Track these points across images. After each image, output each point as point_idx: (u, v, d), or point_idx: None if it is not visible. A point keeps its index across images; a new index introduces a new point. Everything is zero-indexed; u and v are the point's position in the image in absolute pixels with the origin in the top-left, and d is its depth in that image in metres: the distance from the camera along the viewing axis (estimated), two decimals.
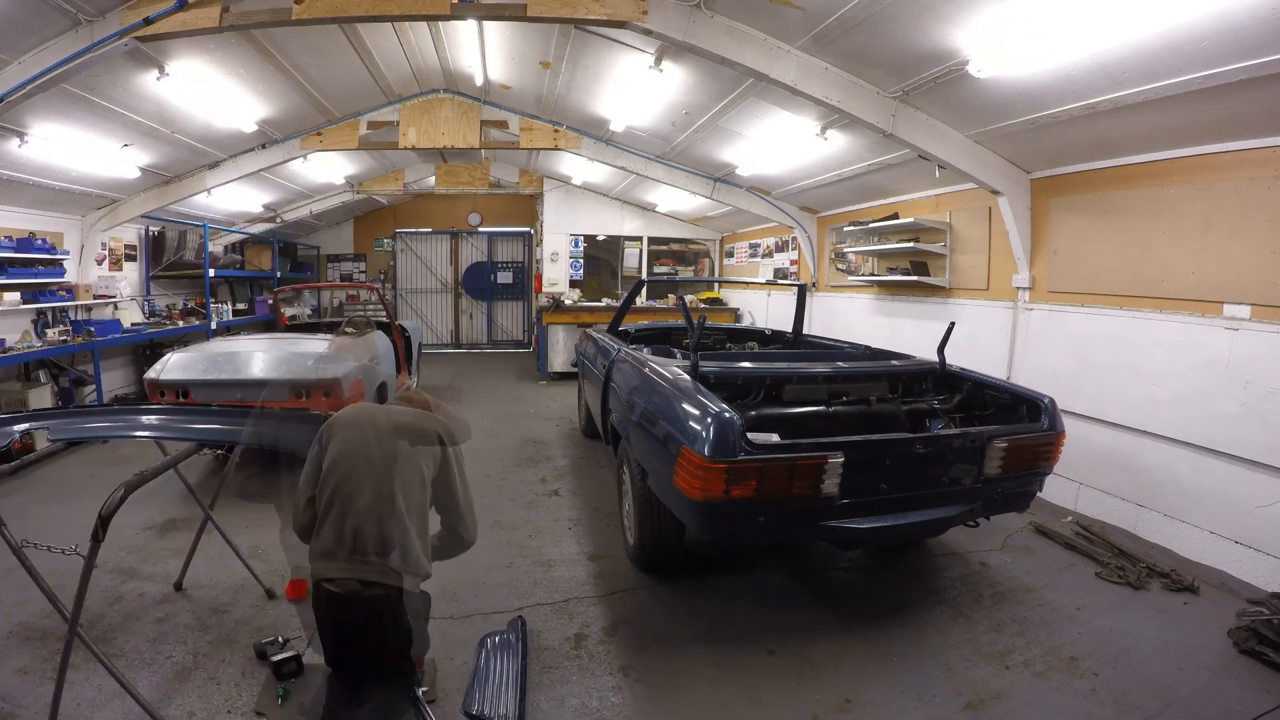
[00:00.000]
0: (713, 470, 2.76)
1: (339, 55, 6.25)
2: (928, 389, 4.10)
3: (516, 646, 2.91)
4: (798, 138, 6.01)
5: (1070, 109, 4.00)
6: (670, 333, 6.57)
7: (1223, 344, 3.77)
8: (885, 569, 3.89)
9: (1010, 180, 5.04)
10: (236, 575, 3.53)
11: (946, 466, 3.12)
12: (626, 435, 3.90)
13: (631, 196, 11.35)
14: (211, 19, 4.28)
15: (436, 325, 14.31)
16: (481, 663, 2.78)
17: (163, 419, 2.60)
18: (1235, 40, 2.98)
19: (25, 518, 4.30)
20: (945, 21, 3.71)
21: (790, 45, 4.50)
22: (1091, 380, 4.60)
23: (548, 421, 7.60)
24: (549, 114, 7.88)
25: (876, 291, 7.15)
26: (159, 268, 8.99)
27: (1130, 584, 3.62)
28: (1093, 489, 4.60)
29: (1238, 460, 3.68)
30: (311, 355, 5.26)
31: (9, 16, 4.08)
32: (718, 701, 2.68)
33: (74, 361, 7.15)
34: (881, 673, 2.87)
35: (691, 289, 11.95)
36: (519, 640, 2.95)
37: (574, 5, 4.33)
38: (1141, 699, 2.69)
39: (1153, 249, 4.20)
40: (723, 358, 4.46)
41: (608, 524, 4.45)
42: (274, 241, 11.75)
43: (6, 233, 6.39)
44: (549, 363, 10.25)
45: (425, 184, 11.82)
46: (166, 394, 5.04)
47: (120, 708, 2.49)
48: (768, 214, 8.61)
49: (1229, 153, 3.74)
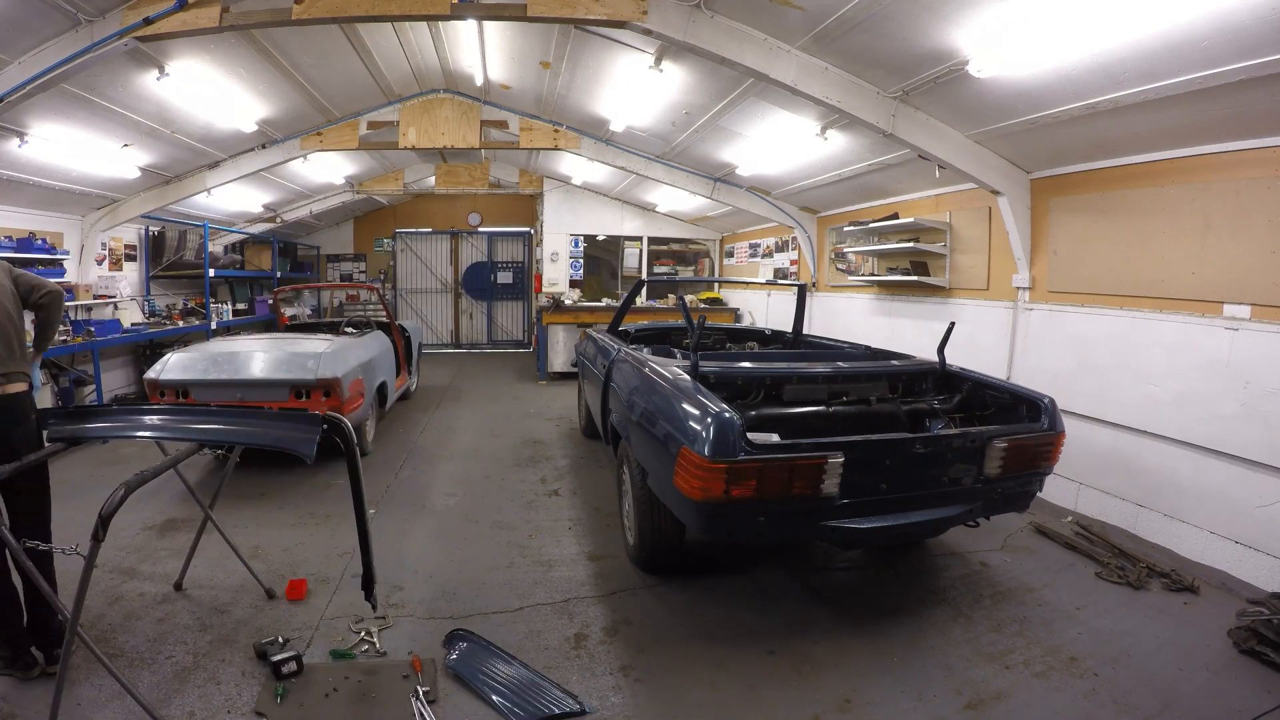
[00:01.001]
0: (713, 470, 2.76)
1: (339, 55, 6.25)
2: (928, 389, 4.10)
3: (480, 644, 2.94)
4: (798, 138, 6.01)
5: (1070, 109, 4.00)
6: (670, 333, 6.57)
7: (1223, 344, 3.77)
8: (885, 569, 3.89)
9: (1010, 180, 5.04)
10: (236, 575, 3.53)
11: (946, 466, 3.12)
12: (626, 435, 3.90)
13: (631, 196, 11.36)
14: (211, 19, 4.28)
15: (436, 325, 14.32)
16: (468, 678, 2.74)
17: (163, 419, 2.59)
18: (1235, 40, 2.98)
19: None
20: (945, 21, 3.71)
21: (790, 45, 4.50)
22: (1091, 380, 4.60)
23: (548, 421, 7.60)
24: (549, 114, 7.88)
25: (876, 291, 7.15)
26: (159, 268, 8.99)
27: (1130, 584, 3.62)
28: (1093, 489, 4.60)
29: (1238, 460, 3.68)
30: (311, 355, 5.26)
31: (9, 16, 4.08)
32: (718, 701, 2.67)
33: (74, 361, 7.15)
34: (881, 673, 2.86)
35: (691, 289, 11.95)
36: (471, 640, 2.97)
37: (574, 5, 4.33)
38: (1141, 699, 2.69)
39: (1153, 249, 4.20)
40: (723, 358, 4.46)
41: (608, 524, 4.45)
42: (274, 241, 11.75)
43: (6, 233, 6.39)
44: (549, 363, 10.26)
45: (425, 184, 11.83)
46: (166, 394, 5.04)
47: (120, 708, 2.49)
48: (768, 214, 8.61)
49: (1229, 153, 3.74)
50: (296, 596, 3.36)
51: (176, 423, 2.58)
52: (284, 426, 2.44)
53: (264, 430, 2.47)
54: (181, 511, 4.46)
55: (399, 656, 2.90)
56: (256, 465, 5.45)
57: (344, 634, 3.06)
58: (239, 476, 5.11)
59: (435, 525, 4.42)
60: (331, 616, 3.21)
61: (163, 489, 4.61)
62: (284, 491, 4.95)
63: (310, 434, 2.37)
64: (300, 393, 5.09)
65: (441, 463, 5.86)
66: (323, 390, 5.07)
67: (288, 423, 2.45)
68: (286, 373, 5.09)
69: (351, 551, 3.90)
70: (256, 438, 2.50)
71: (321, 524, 4.35)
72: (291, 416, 2.47)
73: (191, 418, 2.67)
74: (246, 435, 2.54)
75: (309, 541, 4.08)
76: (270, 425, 2.48)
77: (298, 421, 2.42)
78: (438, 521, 4.49)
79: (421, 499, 4.92)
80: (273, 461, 5.46)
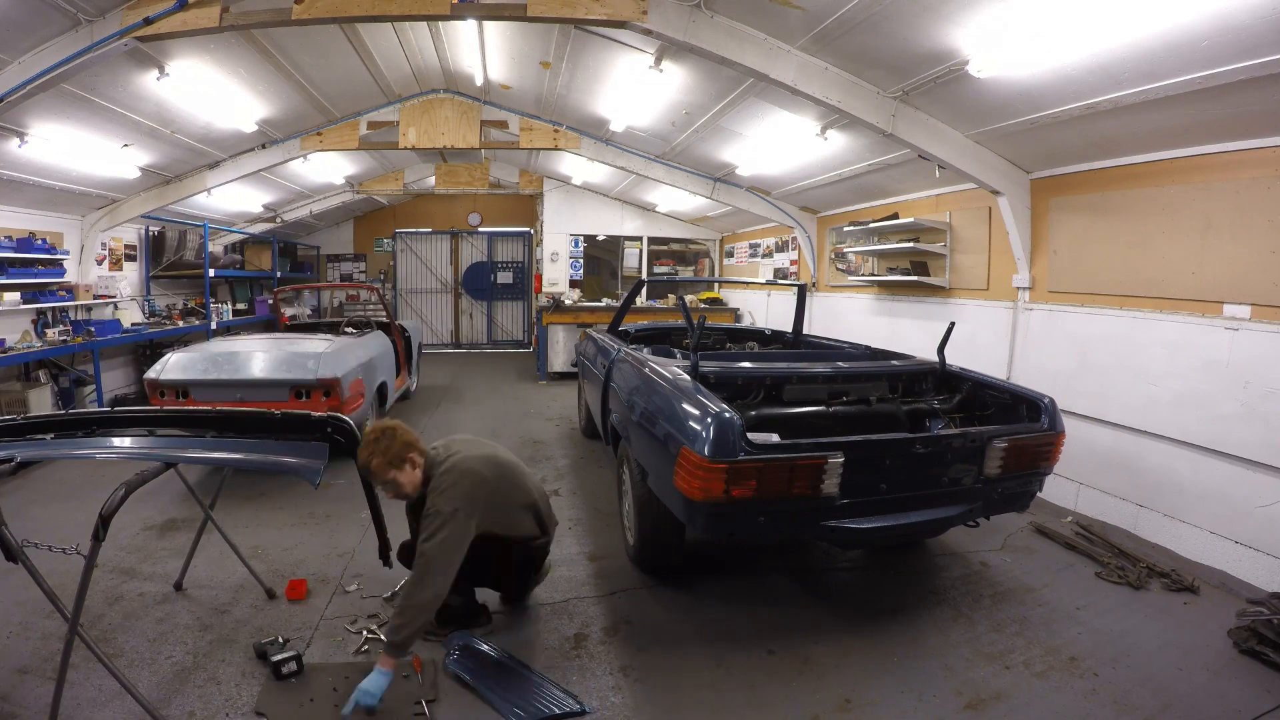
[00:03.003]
0: (713, 470, 2.76)
1: (339, 55, 6.25)
2: (928, 389, 4.10)
3: (481, 649, 2.89)
4: (798, 138, 6.01)
5: (1070, 109, 4.00)
6: (670, 333, 6.57)
7: (1223, 344, 3.76)
8: (885, 569, 3.89)
9: (1010, 180, 5.04)
10: (236, 575, 3.53)
11: (946, 466, 3.12)
12: (626, 435, 3.90)
13: (631, 196, 11.36)
14: (211, 19, 4.28)
15: (436, 325, 14.31)
16: (468, 678, 2.71)
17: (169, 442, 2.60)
18: (1235, 40, 2.97)
19: (25, 518, 4.29)
20: (945, 21, 3.71)
21: (790, 45, 4.50)
22: (1091, 380, 4.60)
23: (548, 421, 7.60)
24: (549, 114, 7.88)
25: (876, 291, 7.15)
26: (159, 268, 9.00)
27: (1130, 584, 3.62)
28: (1093, 489, 4.60)
29: (1237, 460, 3.68)
30: (311, 355, 5.26)
31: (9, 16, 4.08)
32: (718, 701, 2.67)
33: (74, 361, 7.15)
34: (881, 673, 2.86)
35: (691, 289, 11.95)
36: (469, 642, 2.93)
37: (574, 5, 4.33)
38: (1141, 699, 2.69)
39: (1152, 249, 4.20)
40: (723, 358, 4.46)
41: (608, 524, 4.45)
42: (274, 241, 11.75)
43: (6, 233, 6.39)
44: (549, 363, 10.25)
45: (425, 184, 11.83)
46: (166, 394, 5.04)
47: (120, 708, 2.49)
48: (768, 214, 8.61)
49: (1229, 153, 3.74)
50: (296, 596, 3.36)
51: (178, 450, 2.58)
52: (291, 452, 2.46)
53: (272, 459, 2.50)
54: (181, 511, 4.46)
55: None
56: None
57: (344, 634, 3.06)
58: (239, 476, 5.10)
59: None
60: (331, 616, 3.21)
61: (163, 489, 4.61)
62: (284, 491, 4.94)
63: (316, 462, 2.40)
64: (300, 393, 5.08)
65: None
66: (323, 390, 5.06)
67: (294, 449, 2.47)
68: (286, 373, 5.09)
69: (351, 552, 3.90)
70: (265, 465, 2.53)
71: (321, 524, 4.34)
72: (298, 447, 2.49)
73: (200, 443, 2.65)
74: (256, 464, 2.56)
75: (309, 541, 4.08)
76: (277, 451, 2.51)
77: (304, 449, 2.45)
78: None
79: None
80: None
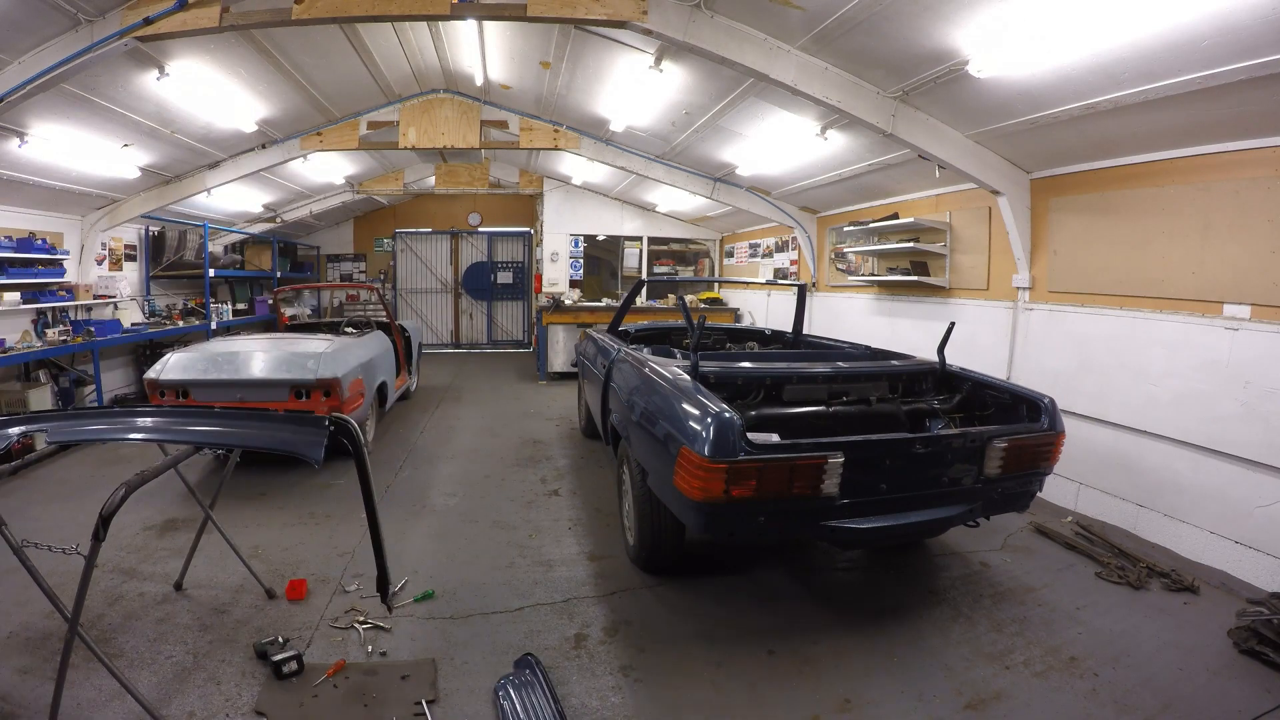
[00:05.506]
0: (713, 470, 2.76)
1: (339, 55, 6.25)
2: (928, 389, 4.10)
3: (536, 683, 2.71)
4: (798, 138, 6.01)
5: (1070, 109, 4.00)
6: (670, 333, 6.57)
7: (1223, 344, 3.77)
8: (885, 569, 3.89)
9: (1010, 180, 5.04)
10: (236, 575, 3.53)
11: (946, 466, 3.12)
12: (626, 435, 3.90)
13: (631, 196, 11.36)
14: (211, 19, 4.28)
15: (436, 325, 14.31)
16: (506, 710, 2.58)
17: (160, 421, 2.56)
18: (1235, 40, 2.98)
19: (25, 518, 4.29)
20: (945, 21, 3.71)
21: (790, 45, 4.50)
22: (1091, 380, 4.60)
23: (548, 421, 7.60)
24: (549, 114, 7.88)
25: (876, 291, 7.15)
26: (159, 268, 8.99)
27: (1130, 584, 3.62)
28: (1093, 489, 4.60)
29: (1237, 460, 3.68)
30: (311, 355, 5.26)
31: (9, 16, 4.08)
32: (718, 701, 2.68)
33: (74, 361, 7.15)
34: (881, 673, 2.87)
35: (691, 289, 11.95)
36: (536, 675, 2.75)
37: (574, 5, 4.33)
38: (1141, 699, 2.69)
39: (1152, 249, 4.20)
40: (723, 358, 4.45)
41: (608, 524, 4.45)
42: (274, 241, 11.75)
43: (6, 233, 6.39)
44: (549, 363, 10.25)
45: (425, 184, 11.82)
46: (166, 394, 5.04)
47: (120, 708, 2.49)
48: (768, 214, 8.61)
49: (1229, 153, 3.74)
50: (296, 596, 3.36)
51: (174, 425, 2.55)
52: (290, 429, 2.38)
53: (270, 433, 2.42)
54: (181, 511, 4.46)
55: (399, 657, 2.90)
56: (256, 465, 5.45)
57: (343, 634, 3.06)
58: (239, 476, 5.11)
59: (435, 525, 4.42)
60: (331, 616, 3.22)
61: (163, 489, 4.61)
62: (284, 491, 4.95)
63: (318, 437, 2.33)
64: (300, 393, 5.09)
65: (441, 463, 5.86)
66: (323, 390, 5.07)
67: (293, 425, 2.40)
68: (286, 373, 5.09)
69: (352, 552, 3.90)
70: (262, 441, 2.44)
71: (321, 524, 4.34)
72: (297, 419, 2.42)
73: (195, 419, 2.62)
74: (252, 438, 2.49)
75: (309, 541, 4.08)
76: (276, 428, 2.43)
77: (304, 424, 2.38)
78: (438, 521, 4.49)
79: (421, 499, 4.92)
80: (273, 462, 5.46)
